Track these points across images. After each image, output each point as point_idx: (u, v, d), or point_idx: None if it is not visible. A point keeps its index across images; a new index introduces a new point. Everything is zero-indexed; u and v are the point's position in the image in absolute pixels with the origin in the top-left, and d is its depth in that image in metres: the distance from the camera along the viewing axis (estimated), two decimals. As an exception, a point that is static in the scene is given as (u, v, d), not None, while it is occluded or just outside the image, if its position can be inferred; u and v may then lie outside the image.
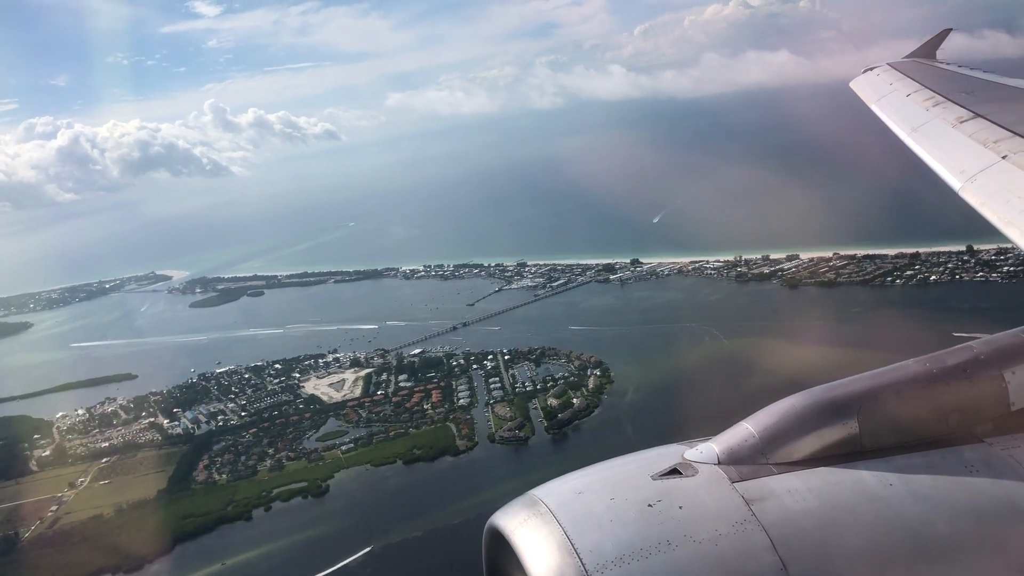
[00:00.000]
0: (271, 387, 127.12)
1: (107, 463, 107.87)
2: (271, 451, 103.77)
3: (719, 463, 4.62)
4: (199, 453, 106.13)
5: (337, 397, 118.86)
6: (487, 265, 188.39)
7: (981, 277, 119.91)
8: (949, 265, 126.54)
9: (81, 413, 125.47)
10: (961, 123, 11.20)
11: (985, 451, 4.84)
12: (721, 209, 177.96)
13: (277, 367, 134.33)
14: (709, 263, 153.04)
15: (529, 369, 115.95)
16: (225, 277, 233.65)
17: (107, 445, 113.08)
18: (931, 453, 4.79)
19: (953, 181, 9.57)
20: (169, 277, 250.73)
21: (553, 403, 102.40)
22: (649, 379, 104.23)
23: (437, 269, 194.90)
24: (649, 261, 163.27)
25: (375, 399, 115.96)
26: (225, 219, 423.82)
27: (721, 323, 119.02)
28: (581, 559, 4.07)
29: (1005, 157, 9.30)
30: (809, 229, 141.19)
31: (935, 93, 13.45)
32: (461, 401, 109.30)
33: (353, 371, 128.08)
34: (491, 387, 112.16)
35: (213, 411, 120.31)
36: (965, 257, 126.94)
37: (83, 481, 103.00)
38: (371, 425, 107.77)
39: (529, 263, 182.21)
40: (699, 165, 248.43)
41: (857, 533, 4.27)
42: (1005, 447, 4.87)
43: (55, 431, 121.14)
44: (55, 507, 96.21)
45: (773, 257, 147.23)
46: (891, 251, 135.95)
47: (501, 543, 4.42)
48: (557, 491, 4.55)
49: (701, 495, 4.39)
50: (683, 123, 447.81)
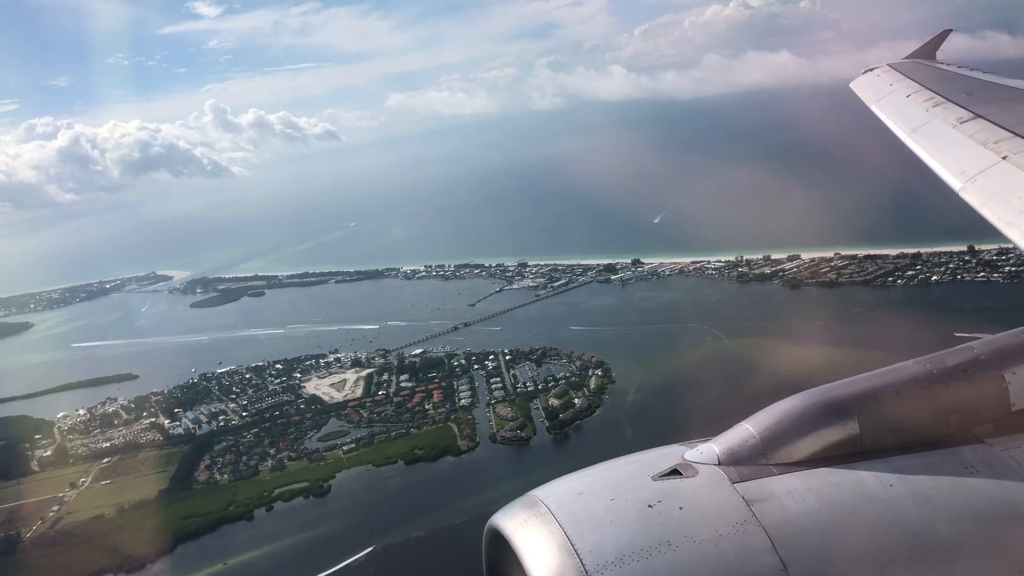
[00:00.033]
0: (272, 387, 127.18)
1: (108, 463, 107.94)
2: (272, 451, 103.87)
3: (719, 464, 4.63)
4: (200, 453, 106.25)
5: (338, 397, 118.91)
6: (488, 265, 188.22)
7: (983, 277, 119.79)
8: (950, 265, 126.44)
9: (82, 413, 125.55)
10: (961, 124, 11.20)
11: (985, 452, 4.85)
12: (722, 209, 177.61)
13: (278, 367, 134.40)
14: (710, 263, 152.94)
15: (530, 369, 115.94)
16: (226, 277, 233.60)
17: (108, 445, 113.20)
18: (931, 454, 4.80)
19: (953, 182, 9.57)
20: (170, 277, 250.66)
21: (555, 403, 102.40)
22: (651, 379, 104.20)
23: (438, 269, 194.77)
24: (650, 261, 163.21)
25: (376, 399, 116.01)
26: (225, 219, 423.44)
27: (722, 323, 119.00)
28: (581, 560, 4.08)
29: (1005, 158, 9.30)
30: (810, 229, 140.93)
31: (935, 94, 13.45)
32: (462, 401, 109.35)
33: (354, 371, 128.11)
34: (492, 387, 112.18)
35: (214, 411, 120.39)
36: (966, 257, 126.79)
37: (84, 481, 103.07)
38: (372, 425, 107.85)
39: (530, 263, 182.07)
40: (700, 165, 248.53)
41: (857, 534, 4.27)
42: (1005, 448, 4.88)
43: (56, 431, 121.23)
44: (56, 507, 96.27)
45: (774, 257, 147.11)
46: (892, 251, 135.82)
47: (501, 544, 4.42)
48: (557, 492, 4.56)
49: (701, 496, 4.40)
50: (684, 123, 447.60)
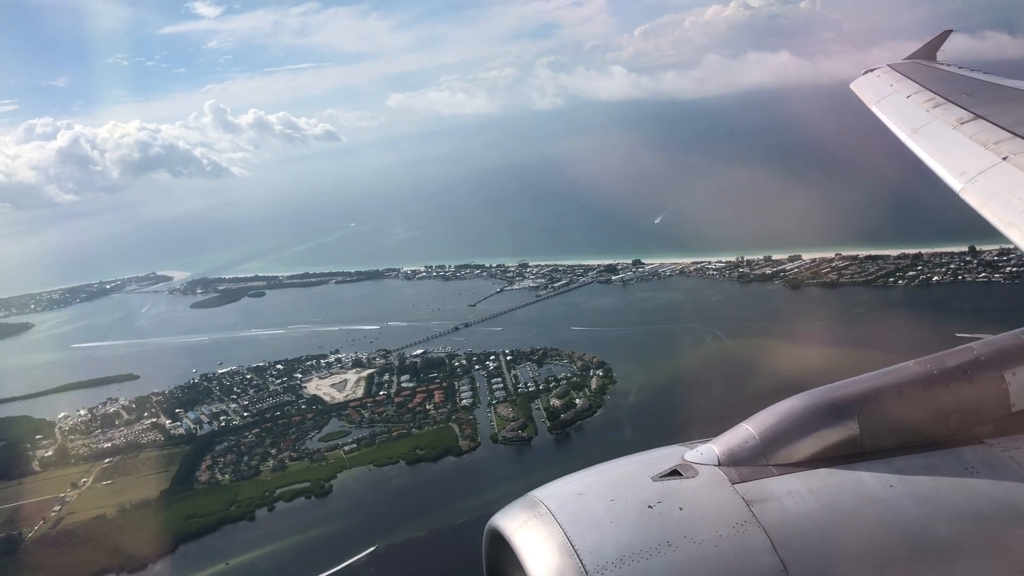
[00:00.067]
0: (273, 387, 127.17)
1: (109, 463, 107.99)
2: (274, 451, 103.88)
3: (719, 464, 4.63)
4: (202, 453, 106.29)
5: (339, 397, 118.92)
6: (488, 266, 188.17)
7: (983, 278, 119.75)
8: (951, 266, 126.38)
9: (83, 413, 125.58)
10: (962, 124, 11.19)
11: (985, 452, 4.85)
12: (723, 210, 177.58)
13: (279, 367, 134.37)
14: (711, 264, 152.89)
15: (531, 370, 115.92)
16: (226, 278, 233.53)
17: (109, 445, 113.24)
18: (931, 454, 4.80)
19: (954, 182, 9.56)
20: (170, 278, 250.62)
21: (556, 403, 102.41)
22: (652, 380, 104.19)
23: (438, 270, 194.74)
24: (651, 262, 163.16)
25: (377, 399, 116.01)
26: (225, 220, 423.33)
27: (723, 324, 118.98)
28: (581, 560, 4.08)
29: (1006, 158, 9.30)
30: (811, 230, 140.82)
31: (936, 94, 13.44)
32: (463, 401, 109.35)
33: (355, 371, 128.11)
34: (493, 387, 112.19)
35: (215, 411, 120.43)
36: (967, 258, 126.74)
37: (85, 481, 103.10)
38: (374, 425, 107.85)
39: (531, 264, 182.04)
40: (700, 166, 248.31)
41: (857, 534, 4.27)
42: (1005, 448, 4.88)
43: (57, 431, 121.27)
44: (58, 507, 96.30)
45: (775, 258, 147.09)
46: (893, 252, 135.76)
47: (501, 544, 4.43)
48: (557, 492, 4.56)
49: (701, 496, 4.40)
50: (684, 124, 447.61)
